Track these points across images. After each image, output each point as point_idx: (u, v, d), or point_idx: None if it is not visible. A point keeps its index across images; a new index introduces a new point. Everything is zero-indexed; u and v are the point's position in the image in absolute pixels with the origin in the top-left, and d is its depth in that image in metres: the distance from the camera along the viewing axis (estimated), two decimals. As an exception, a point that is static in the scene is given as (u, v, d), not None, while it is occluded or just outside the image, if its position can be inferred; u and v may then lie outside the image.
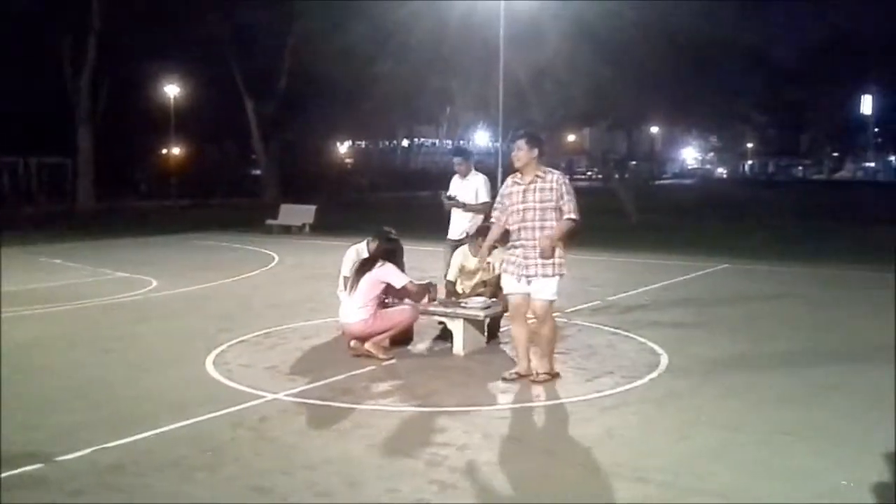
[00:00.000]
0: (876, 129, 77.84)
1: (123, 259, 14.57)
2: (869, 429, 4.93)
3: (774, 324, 8.56)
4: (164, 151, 42.43)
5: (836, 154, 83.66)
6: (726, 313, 9.16)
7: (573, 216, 5.77)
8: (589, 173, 67.63)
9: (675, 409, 5.42)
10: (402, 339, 7.00)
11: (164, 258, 15.14)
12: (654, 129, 58.92)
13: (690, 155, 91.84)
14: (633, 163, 39.65)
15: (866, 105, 76.47)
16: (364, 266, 6.88)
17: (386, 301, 6.94)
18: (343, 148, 58.82)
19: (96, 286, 11.17)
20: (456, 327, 6.91)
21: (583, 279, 11.85)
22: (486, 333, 7.17)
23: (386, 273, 6.74)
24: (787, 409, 5.40)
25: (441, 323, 7.25)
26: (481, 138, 56.58)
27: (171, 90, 38.04)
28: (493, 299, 7.20)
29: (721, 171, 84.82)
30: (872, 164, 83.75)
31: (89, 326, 8.43)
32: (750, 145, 75.29)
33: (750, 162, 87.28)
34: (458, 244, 7.93)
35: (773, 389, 5.87)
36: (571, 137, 66.92)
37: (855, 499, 3.92)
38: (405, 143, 64.61)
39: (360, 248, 7.45)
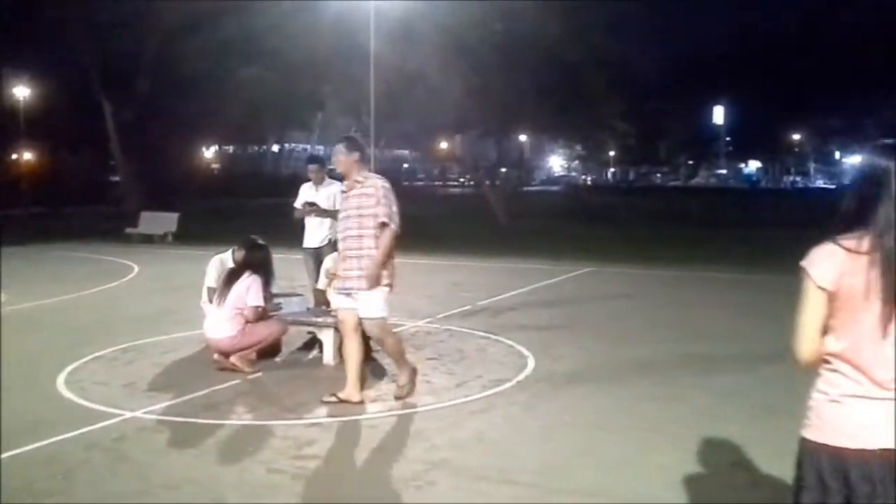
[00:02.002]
0: (727, 138, 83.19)
1: (-35, 272, 13.47)
2: (725, 423, 5.20)
3: (637, 325, 8.93)
4: (14, 157, 39.71)
5: (691, 162, 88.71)
6: (591, 315, 9.47)
7: (385, 220, 5.43)
8: (461, 180, 68.65)
9: (541, 410, 5.54)
10: (270, 350, 6.81)
11: (13, 270, 14.09)
12: (523, 138, 60.55)
13: (557, 163, 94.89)
14: (503, 170, 40.47)
15: (718, 115, 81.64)
16: (232, 277, 6.67)
17: None
18: (209, 153, 57.04)
19: (-67, 302, 10.27)
20: (325, 336, 6.80)
21: (454, 284, 12.00)
22: (356, 341, 7.09)
23: (249, 285, 6.56)
24: (649, 406, 5.62)
25: (310, 332, 7.12)
26: (354, 145, 56.30)
27: (21, 91, 35.68)
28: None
29: (586, 179, 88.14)
30: (724, 171, 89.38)
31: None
32: (612, 153, 78.68)
33: (613, 169, 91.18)
34: (317, 251, 7.86)
35: (635, 388, 6.11)
36: (444, 145, 67.73)
37: (707, 488, 4.12)
38: (275, 148, 63.38)
39: (224, 258, 7.21)
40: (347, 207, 5.58)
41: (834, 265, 2.13)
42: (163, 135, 36.97)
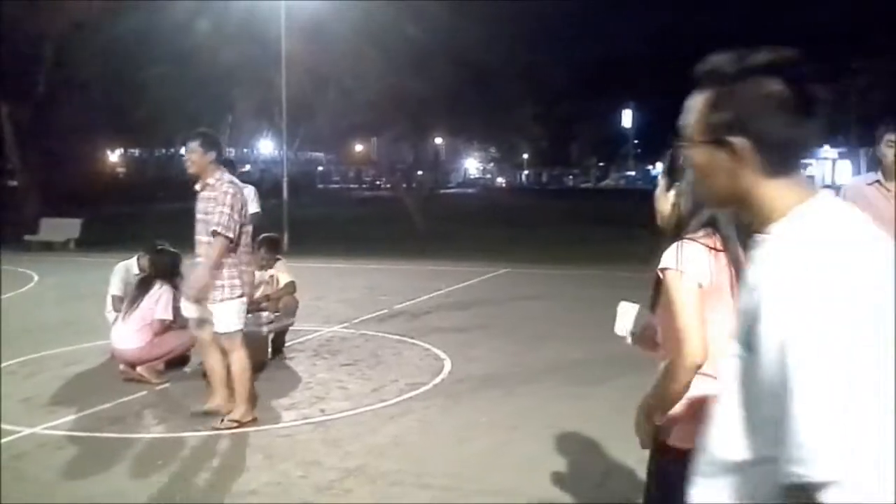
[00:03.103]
0: (636, 141, 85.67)
1: None
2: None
3: (549, 324, 9.08)
4: None
5: (601, 164, 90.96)
6: (505, 316, 9.58)
7: (216, 228, 5.02)
8: (377, 182, 68.38)
9: (457, 412, 5.57)
10: (178, 360, 6.62)
11: None
12: (439, 140, 60.95)
13: (472, 165, 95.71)
14: (420, 173, 40.55)
15: (626, 119, 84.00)
16: (143, 286, 6.46)
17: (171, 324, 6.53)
18: (115, 156, 55.09)
19: None
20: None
21: (370, 288, 11.93)
22: (269, 349, 6.98)
23: (159, 298, 6.36)
24: (561, 405, 5.72)
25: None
26: (266, 147, 55.41)
27: None
28: (277, 313, 7.04)
29: (500, 181, 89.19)
30: (633, 173, 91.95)
31: None
32: (526, 156, 79.87)
33: (526, 172, 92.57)
34: None
35: (549, 388, 6.21)
36: (359, 147, 67.38)
37: (619, 485, 4.23)
38: (184, 151, 61.64)
39: (129, 265, 6.99)
40: (197, 211, 5.25)
41: (704, 263, 2.17)
42: (63, 137, 35.45)
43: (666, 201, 2.31)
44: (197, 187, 5.30)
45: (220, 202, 5.08)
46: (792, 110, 1.24)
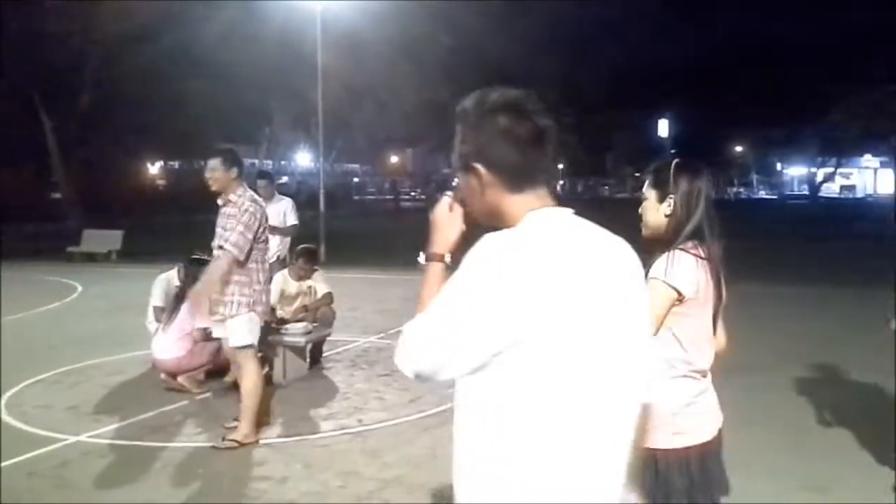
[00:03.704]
0: (672, 151, 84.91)
1: None
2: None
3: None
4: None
5: (637, 174, 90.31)
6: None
7: (225, 245, 5.00)
8: (412, 194, 68.71)
9: (494, 424, 5.54)
10: (218, 370, 6.69)
11: (-52, 292, 13.62)
12: (473, 151, 61.07)
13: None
14: (455, 183, 40.74)
15: (663, 128, 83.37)
16: (180, 297, 6.56)
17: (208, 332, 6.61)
18: (154, 169, 56.07)
19: None
20: (275, 355, 6.71)
21: (406, 299, 11.94)
22: (307, 359, 7.03)
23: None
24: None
25: (259, 352, 7.00)
26: (303, 159, 55.95)
27: (-45, 106, 34.56)
28: (315, 324, 7.08)
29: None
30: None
31: None
32: (561, 166, 79.70)
33: (561, 182, 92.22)
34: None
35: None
36: (395, 158, 67.80)
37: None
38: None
39: (170, 276, 7.10)
40: (218, 226, 5.24)
41: (696, 274, 2.28)
42: (105, 150, 36.24)
43: (656, 213, 2.42)
44: (219, 202, 5.29)
45: (238, 220, 5.07)
46: (519, 141, 1.50)
